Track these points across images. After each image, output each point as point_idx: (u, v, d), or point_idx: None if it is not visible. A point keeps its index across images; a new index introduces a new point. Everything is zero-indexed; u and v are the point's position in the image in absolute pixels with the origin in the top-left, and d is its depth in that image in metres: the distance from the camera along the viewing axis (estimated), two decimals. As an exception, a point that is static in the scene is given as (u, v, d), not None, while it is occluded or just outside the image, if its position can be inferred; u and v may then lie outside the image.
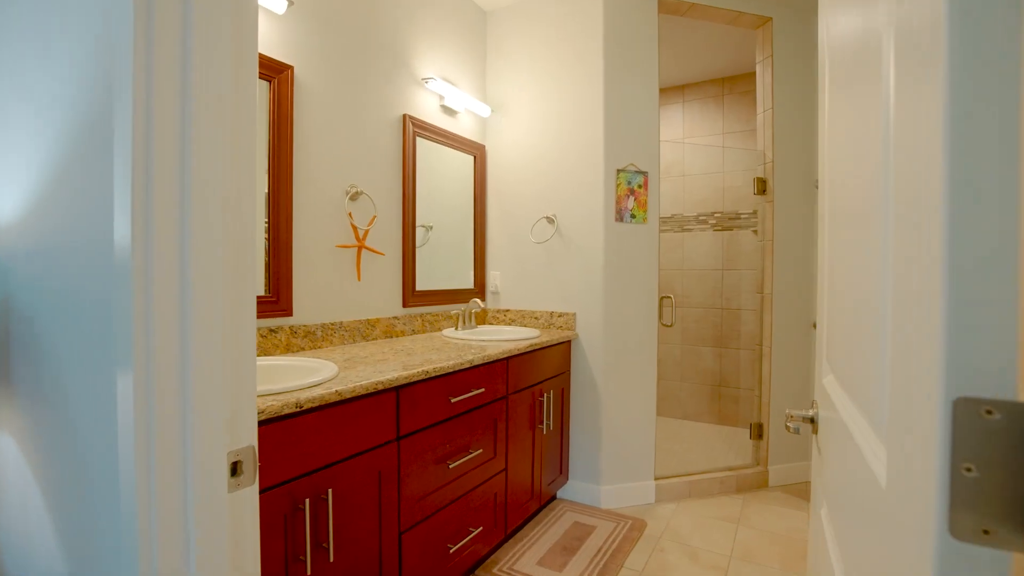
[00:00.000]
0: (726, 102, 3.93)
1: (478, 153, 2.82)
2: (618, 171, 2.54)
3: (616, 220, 2.54)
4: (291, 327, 1.80)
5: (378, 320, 2.17)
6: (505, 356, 1.98)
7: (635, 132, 2.58)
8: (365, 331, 2.10)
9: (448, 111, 2.62)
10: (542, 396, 2.32)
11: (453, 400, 1.68)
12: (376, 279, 2.19)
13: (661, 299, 2.72)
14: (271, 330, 1.73)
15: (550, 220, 2.69)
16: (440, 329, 2.55)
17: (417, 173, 2.40)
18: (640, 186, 2.58)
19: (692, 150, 4.01)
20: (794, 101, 2.86)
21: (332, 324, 1.96)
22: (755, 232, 3.79)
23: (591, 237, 2.57)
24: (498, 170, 2.87)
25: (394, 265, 2.29)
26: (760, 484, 2.85)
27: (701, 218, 3.98)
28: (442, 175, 2.58)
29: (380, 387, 1.40)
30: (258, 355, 1.69)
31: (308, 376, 1.34)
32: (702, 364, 3.96)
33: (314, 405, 1.21)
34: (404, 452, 1.51)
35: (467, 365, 1.75)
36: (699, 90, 4.03)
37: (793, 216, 2.87)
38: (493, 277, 2.90)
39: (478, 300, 2.46)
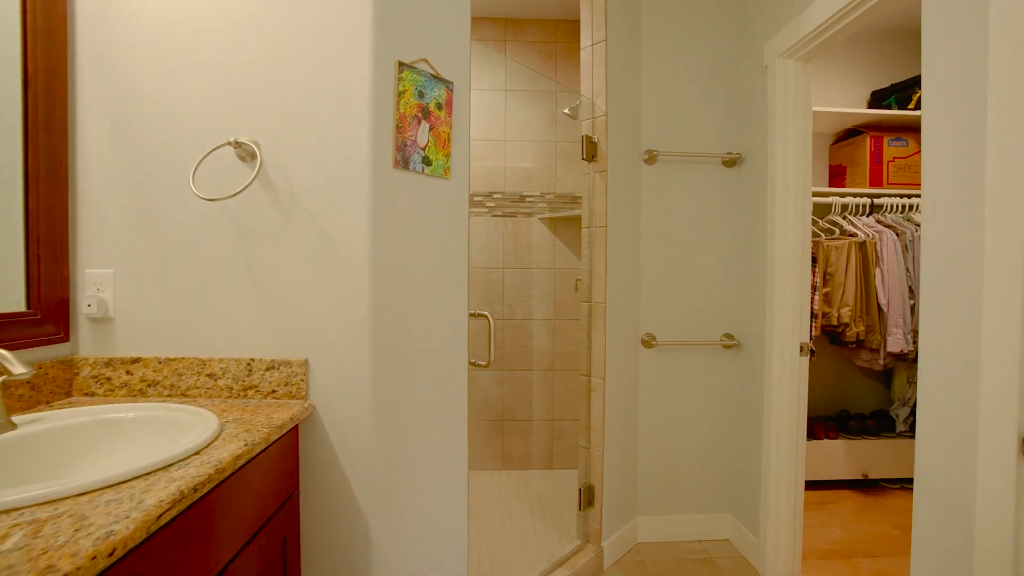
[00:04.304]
0: (509, 50, 3.03)
1: (43, -29, 1.11)
2: (401, 67, 1.25)
3: (395, 165, 1.26)
4: None
5: None
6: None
7: (433, 9, 1.34)
8: None
9: None
10: (223, 606, 0.86)
11: None
12: None
13: (471, 317, 1.57)
14: None
15: (246, 153, 1.21)
16: None
17: None
18: (440, 106, 1.35)
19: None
20: (629, 36, 2.08)
21: None
22: (542, 220, 3.01)
23: (342, 195, 1.21)
24: (114, 25, 1.21)
25: None
26: (596, 571, 2.00)
27: (476, 200, 2.99)
28: None
29: None
30: None
31: None
32: (482, 394, 2.98)
33: None
34: None
35: None
36: (474, 29, 3.03)
37: (627, 195, 2.10)
38: (93, 281, 1.22)
39: (7, 355, 0.81)
